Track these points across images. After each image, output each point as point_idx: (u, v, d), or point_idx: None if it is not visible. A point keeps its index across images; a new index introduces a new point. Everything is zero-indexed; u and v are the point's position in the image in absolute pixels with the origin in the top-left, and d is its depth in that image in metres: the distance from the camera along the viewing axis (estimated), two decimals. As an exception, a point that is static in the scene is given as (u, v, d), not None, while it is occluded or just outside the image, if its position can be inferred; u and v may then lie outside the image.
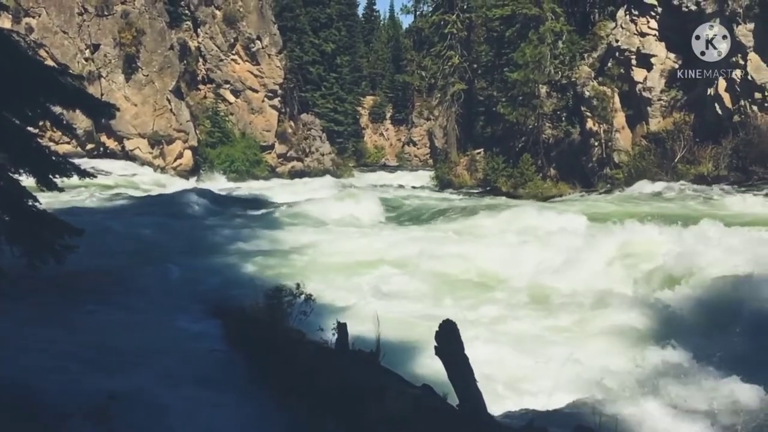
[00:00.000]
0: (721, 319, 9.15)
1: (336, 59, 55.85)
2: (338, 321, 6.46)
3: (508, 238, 14.87)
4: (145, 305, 9.08)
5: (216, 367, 6.64)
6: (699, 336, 8.73)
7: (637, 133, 30.50)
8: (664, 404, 6.38)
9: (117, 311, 8.91)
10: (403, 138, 69.85)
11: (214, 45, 42.75)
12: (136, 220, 17.37)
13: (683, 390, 6.76)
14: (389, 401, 5.44)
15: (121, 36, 37.14)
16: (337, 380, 5.77)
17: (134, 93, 37.74)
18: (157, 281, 10.77)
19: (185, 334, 7.82)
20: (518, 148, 34.06)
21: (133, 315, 8.65)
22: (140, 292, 9.86)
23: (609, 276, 11.62)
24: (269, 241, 15.41)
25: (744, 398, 6.61)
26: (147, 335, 7.68)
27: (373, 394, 5.53)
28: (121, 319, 8.51)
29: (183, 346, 7.28)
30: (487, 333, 8.84)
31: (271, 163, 44.56)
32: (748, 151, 25.03)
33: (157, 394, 5.65)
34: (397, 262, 13.16)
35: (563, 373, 7.13)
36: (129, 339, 7.47)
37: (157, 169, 37.67)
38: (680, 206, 19.74)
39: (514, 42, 33.79)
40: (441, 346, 5.14)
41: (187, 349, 7.15)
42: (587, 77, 31.88)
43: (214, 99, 42.81)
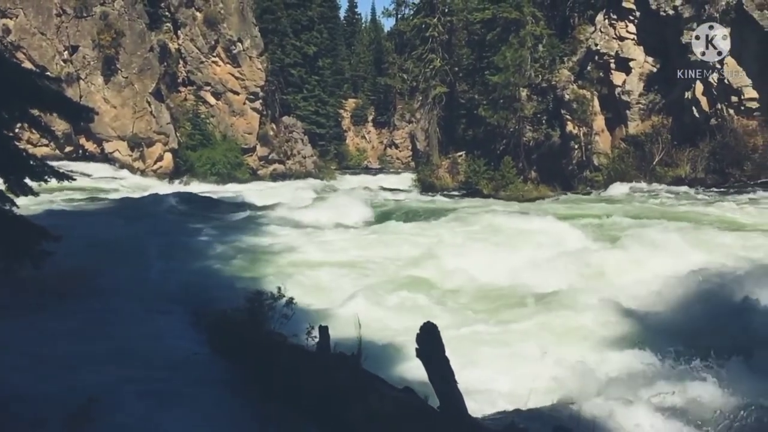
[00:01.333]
0: (694, 318, 9.31)
1: (318, 62, 55.78)
2: (320, 324, 6.45)
3: (484, 240, 14.98)
4: (123, 309, 8.99)
5: (197, 371, 6.60)
6: (674, 336, 8.86)
7: (616, 136, 30.85)
8: (640, 404, 6.46)
9: (95, 315, 8.81)
10: (385, 140, 69.94)
11: (195, 47, 42.49)
12: (114, 224, 17.21)
13: (659, 389, 6.85)
14: (372, 404, 5.45)
15: (100, 37, 36.80)
16: (319, 383, 5.77)
17: (113, 95, 37.40)
18: (136, 285, 10.67)
19: (164, 338, 7.76)
20: (499, 151, 34.27)
21: (111, 319, 8.56)
22: (118, 296, 9.76)
23: (578, 277, 11.75)
24: (250, 244, 15.34)
25: (717, 397, 6.71)
26: (125, 339, 7.61)
27: (355, 397, 5.54)
28: (98, 323, 8.42)
29: (162, 349, 7.23)
30: (463, 335, 8.90)
31: (253, 165, 44.38)
32: (724, 154, 25.44)
33: (135, 398, 5.61)
34: (379, 265, 13.18)
35: (540, 373, 7.19)
36: (107, 343, 7.40)
37: (137, 172, 37.38)
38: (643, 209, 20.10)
39: (495, 45, 34.02)
40: (422, 349, 5.16)
41: (166, 352, 7.10)
42: (567, 81, 32.19)
43: (195, 101, 42.55)
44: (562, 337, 9.21)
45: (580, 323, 9.69)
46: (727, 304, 9.47)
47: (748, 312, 9.06)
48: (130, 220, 17.93)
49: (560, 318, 9.95)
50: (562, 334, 9.33)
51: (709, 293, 10.00)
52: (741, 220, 17.14)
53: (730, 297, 9.64)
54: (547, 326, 9.70)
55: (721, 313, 9.28)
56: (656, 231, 14.25)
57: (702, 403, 6.65)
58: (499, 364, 8.17)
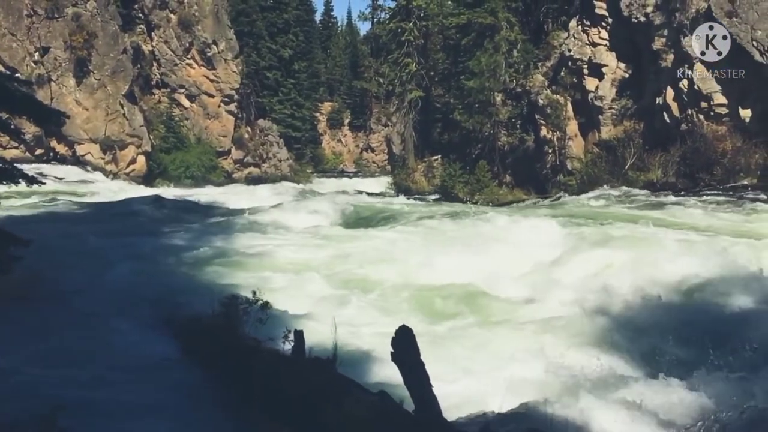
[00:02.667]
0: (667, 320, 9.45)
1: (293, 65, 55.59)
2: (295, 329, 6.43)
3: (457, 243, 15.09)
4: (94, 314, 8.85)
5: (170, 376, 6.54)
6: (648, 338, 8.99)
7: (589, 141, 31.20)
8: (612, 405, 6.53)
9: (65, 321, 8.66)
10: (361, 144, 69.87)
11: (169, 49, 42.10)
12: (86, 228, 16.96)
13: (631, 391, 6.94)
14: (347, 407, 5.45)
15: (72, 39, 36.27)
16: (294, 387, 5.75)
17: (86, 97, 36.88)
18: (106, 290, 10.51)
19: (136, 344, 7.65)
20: (475, 155, 34.47)
21: (81, 324, 8.42)
22: (87, 302, 9.60)
23: (550, 279, 11.89)
24: (224, 248, 15.21)
25: (690, 399, 6.81)
26: (96, 344, 7.49)
27: (330, 401, 5.53)
28: (69, 329, 8.28)
29: (133, 355, 7.13)
30: (436, 337, 8.94)
31: (228, 168, 44.09)
32: (694, 159, 25.85)
33: (106, 405, 5.53)
34: (355, 269, 13.16)
35: (513, 374, 7.24)
36: (77, 348, 7.28)
37: (110, 175, 36.89)
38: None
39: (470, 50, 34.23)
40: (397, 352, 5.18)
41: (138, 358, 7.01)
42: (541, 86, 32.50)
43: (169, 104, 42.13)
44: (535, 338, 9.29)
45: (552, 325, 9.79)
46: (701, 307, 9.64)
47: (723, 314, 9.23)
48: (102, 225, 17.69)
49: (533, 319, 10.04)
50: (535, 335, 9.42)
51: (684, 296, 10.16)
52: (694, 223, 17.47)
53: (704, 300, 9.81)
54: (520, 327, 9.79)
55: (696, 314, 9.44)
56: (625, 232, 14.49)
57: (676, 404, 6.74)
58: (472, 365, 8.22)
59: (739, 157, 24.97)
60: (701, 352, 7.68)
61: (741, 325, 8.99)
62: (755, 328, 8.76)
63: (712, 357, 7.52)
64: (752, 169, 24.79)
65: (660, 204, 21.64)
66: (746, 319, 9.15)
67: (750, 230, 15.11)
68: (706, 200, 21.60)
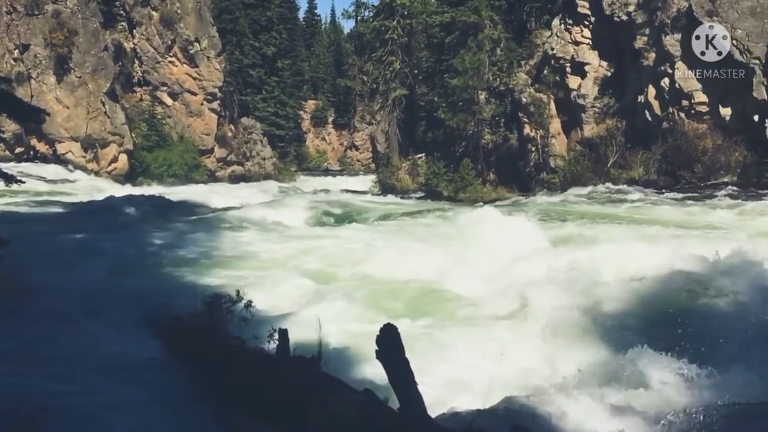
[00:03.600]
0: (649, 314, 9.55)
1: (277, 63, 55.36)
2: (279, 327, 6.41)
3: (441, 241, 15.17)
4: (76, 315, 8.75)
5: (152, 376, 6.48)
6: (628, 332, 9.06)
7: (572, 139, 31.39)
8: (594, 400, 6.58)
9: (46, 322, 8.55)
10: (345, 142, 69.82)
11: (151, 47, 41.75)
12: (66, 228, 16.78)
13: (611, 386, 7.00)
14: (332, 406, 5.43)
15: (52, 36, 35.86)
16: (278, 387, 5.72)
17: (66, 95, 36.48)
18: (87, 290, 10.39)
19: (118, 343, 7.57)
20: (459, 153, 34.53)
21: (62, 325, 8.31)
22: (70, 302, 9.49)
23: (532, 275, 11.96)
24: (207, 247, 15.12)
25: (671, 393, 6.88)
26: (77, 345, 7.40)
27: (315, 400, 5.51)
28: (49, 330, 8.17)
29: (116, 355, 7.06)
30: (420, 335, 8.95)
31: (211, 167, 43.84)
32: (676, 157, 26.11)
33: (88, 406, 5.46)
34: (338, 268, 13.15)
35: (498, 371, 7.28)
36: (58, 349, 7.18)
37: (91, 174, 36.53)
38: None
39: (454, 48, 34.27)
40: (382, 350, 5.17)
41: (120, 358, 6.94)
42: (524, 84, 32.63)
43: (151, 102, 41.79)
44: (518, 334, 9.33)
45: (536, 321, 9.83)
46: (686, 302, 9.73)
47: (706, 309, 9.32)
48: (82, 224, 17.51)
49: (517, 315, 10.08)
50: (519, 331, 9.46)
51: (669, 290, 10.25)
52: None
53: (689, 294, 9.90)
54: (504, 324, 9.83)
55: (680, 310, 9.53)
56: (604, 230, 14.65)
57: (659, 400, 6.80)
58: (457, 362, 8.24)
59: (720, 154, 25.27)
60: (694, 349, 7.76)
61: (711, 318, 9.13)
62: (728, 321, 8.90)
63: (705, 354, 7.61)
64: (732, 166, 25.10)
65: (632, 201, 22.06)
66: (712, 312, 9.30)
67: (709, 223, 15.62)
68: (677, 197, 22.15)
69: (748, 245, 11.93)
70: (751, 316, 8.81)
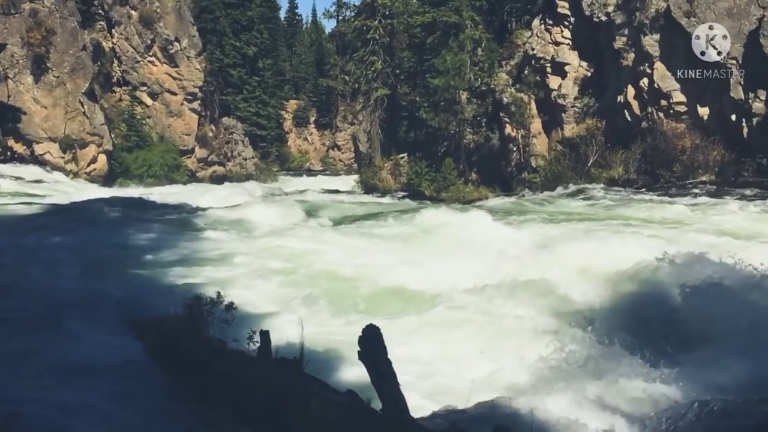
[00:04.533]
0: (629, 312, 9.63)
1: (258, 62, 55.12)
2: (261, 329, 6.36)
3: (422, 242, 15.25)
4: (52, 318, 8.59)
5: (131, 380, 6.39)
6: (615, 331, 9.12)
7: (552, 139, 31.59)
8: (576, 399, 6.61)
9: (20, 324, 8.40)
10: (327, 142, 69.71)
11: (130, 46, 41.35)
12: (43, 230, 16.51)
13: (595, 384, 7.04)
14: (314, 408, 5.41)
15: (29, 36, 35.33)
16: (260, 389, 5.68)
17: (44, 95, 35.99)
18: (66, 293, 10.22)
19: (97, 346, 7.45)
20: (441, 153, 34.61)
21: (38, 328, 8.17)
22: (47, 306, 9.32)
23: (513, 273, 12.02)
24: (188, 249, 14.98)
25: (653, 391, 6.94)
26: (54, 348, 7.27)
27: (297, 402, 5.48)
28: (24, 333, 8.02)
29: (94, 358, 6.94)
30: (401, 333, 8.95)
31: (191, 167, 43.51)
32: (655, 156, 26.39)
33: (63, 411, 5.37)
34: (320, 269, 13.10)
35: (479, 370, 7.29)
36: (32, 353, 7.04)
37: (70, 174, 36.07)
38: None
39: (435, 49, 34.35)
40: (364, 351, 5.15)
41: (98, 361, 6.83)
42: (505, 84, 32.79)
43: (130, 102, 41.38)
44: (500, 332, 9.36)
45: (518, 319, 9.87)
46: (665, 300, 9.82)
47: (684, 306, 9.42)
48: (59, 225, 17.25)
49: (497, 314, 10.12)
50: (500, 329, 9.49)
51: (650, 287, 10.34)
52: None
53: (667, 292, 9.98)
54: (484, 322, 9.85)
55: (660, 308, 9.62)
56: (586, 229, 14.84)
57: (642, 397, 6.85)
58: (438, 361, 8.24)
59: (698, 154, 25.58)
60: (675, 346, 7.84)
61: (684, 313, 9.25)
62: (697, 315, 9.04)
63: (686, 351, 7.69)
64: (710, 165, 25.42)
65: (598, 198, 22.73)
66: (680, 308, 9.43)
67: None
68: (644, 196, 22.67)
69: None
70: (718, 312, 8.94)
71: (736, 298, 9.18)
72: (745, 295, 9.26)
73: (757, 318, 8.65)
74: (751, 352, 7.79)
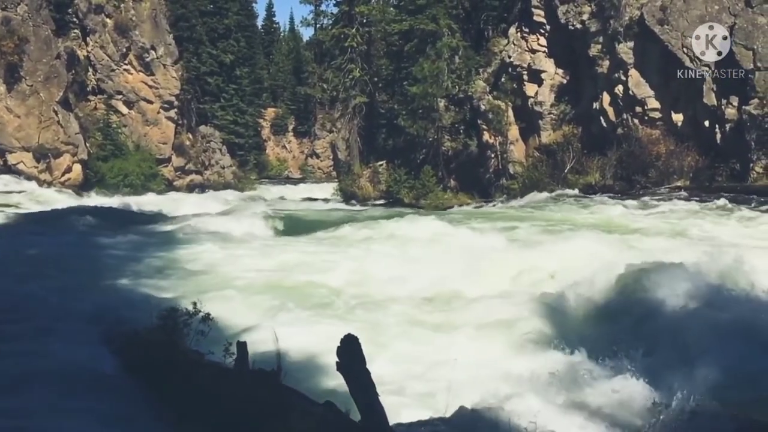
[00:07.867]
0: (611, 317, 9.68)
1: (235, 70, 54.87)
2: (237, 340, 6.27)
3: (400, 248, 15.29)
4: (23, 331, 8.40)
5: (106, 393, 6.27)
6: (591, 335, 9.16)
7: (530, 145, 31.84)
8: (558, 404, 6.61)
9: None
10: (306, 150, 69.56)
11: (105, 54, 40.93)
12: (16, 240, 16.24)
13: (577, 389, 7.05)
14: (292, 421, 5.34)
15: (1, 44, 34.77)
16: (238, 402, 5.60)
17: (17, 104, 35.43)
18: (38, 305, 9.99)
19: (70, 360, 7.28)
20: (419, 160, 34.70)
21: (9, 340, 7.98)
22: (18, 318, 9.11)
23: (496, 278, 12.06)
24: (163, 259, 14.78)
25: (636, 395, 6.95)
26: (25, 362, 7.09)
27: (275, 414, 5.41)
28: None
29: (68, 372, 6.79)
30: (382, 341, 8.91)
31: (168, 176, 43.10)
32: (630, 162, 26.71)
33: (36, 428, 5.24)
34: (297, 279, 13.00)
35: (460, 376, 7.26)
36: (3, 367, 6.88)
37: (44, 184, 35.47)
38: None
39: (413, 56, 34.48)
40: (342, 362, 5.10)
41: (72, 375, 6.68)
42: (483, 91, 32.99)
43: (106, 110, 40.90)
44: (481, 338, 9.35)
45: (499, 324, 9.87)
46: (647, 302, 9.88)
47: (666, 309, 9.49)
48: (31, 237, 16.96)
49: (478, 319, 10.11)
50: (482, 335, 9.48)
51: (630, 290, 10.40)
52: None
53: (649, 294, 10.04)
54: (466, 328, 9.84)
55: (641, 310, 9.69)
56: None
57: (622, 402, 6.86)
58: (419, 367, 8.21)
59: (673, 159, 25.93)
60: (656, 349, 7.89)
61: (652, 317, 9.35)
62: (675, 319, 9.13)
63: (667, 354, 7.74)
64: (685, 171, 25.77)
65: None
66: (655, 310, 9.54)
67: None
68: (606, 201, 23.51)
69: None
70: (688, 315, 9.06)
71: (699, 300, 9.32)
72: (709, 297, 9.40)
73: (721, 321, 8.79)
74: (719, 355, 7.91)
